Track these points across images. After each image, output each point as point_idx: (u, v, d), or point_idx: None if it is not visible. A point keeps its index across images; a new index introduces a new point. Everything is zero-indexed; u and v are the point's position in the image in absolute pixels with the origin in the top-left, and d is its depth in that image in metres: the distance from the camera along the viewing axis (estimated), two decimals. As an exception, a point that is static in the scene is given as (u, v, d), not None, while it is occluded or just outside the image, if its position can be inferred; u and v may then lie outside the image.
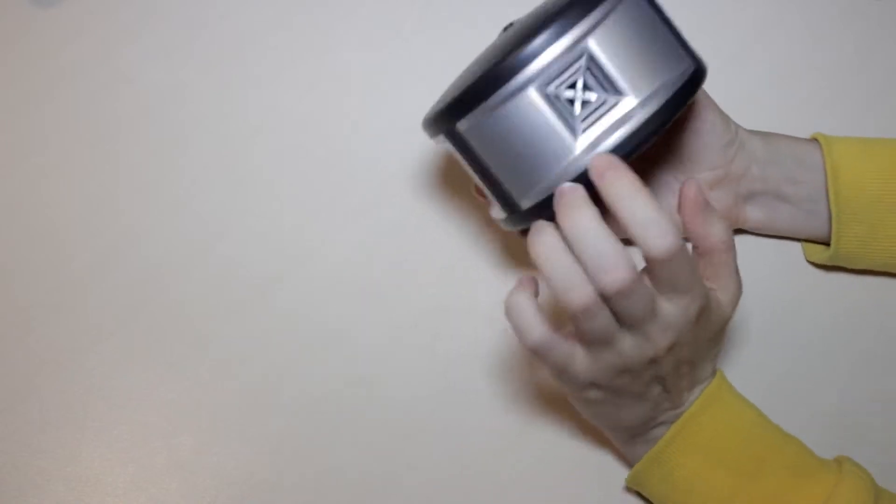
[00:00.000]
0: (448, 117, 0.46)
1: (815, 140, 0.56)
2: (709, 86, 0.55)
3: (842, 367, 0.57)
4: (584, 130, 0.44)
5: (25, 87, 0.65)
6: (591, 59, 0.44)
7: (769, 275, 0.59)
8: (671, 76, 0.45)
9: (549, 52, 0.44)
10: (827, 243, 0.56)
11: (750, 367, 0.57)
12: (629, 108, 0.44)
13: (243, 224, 0.61)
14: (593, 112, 0.44)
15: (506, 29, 0.50)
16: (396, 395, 0.56)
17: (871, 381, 0.56)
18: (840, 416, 0.55)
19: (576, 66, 0.44)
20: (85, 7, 0.68)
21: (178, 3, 0.68)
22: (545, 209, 0.45)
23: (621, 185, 0.42)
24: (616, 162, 0.43)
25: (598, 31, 0.44)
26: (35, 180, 0.63)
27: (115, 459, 0.55)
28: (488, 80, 0.44)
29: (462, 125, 0.46)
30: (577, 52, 0.44)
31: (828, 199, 0.54)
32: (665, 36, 0.46)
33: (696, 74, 0.47)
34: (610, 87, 0.44)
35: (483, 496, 0.54)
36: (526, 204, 0.46)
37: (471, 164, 0.47)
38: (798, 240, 0.58)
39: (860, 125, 0.63)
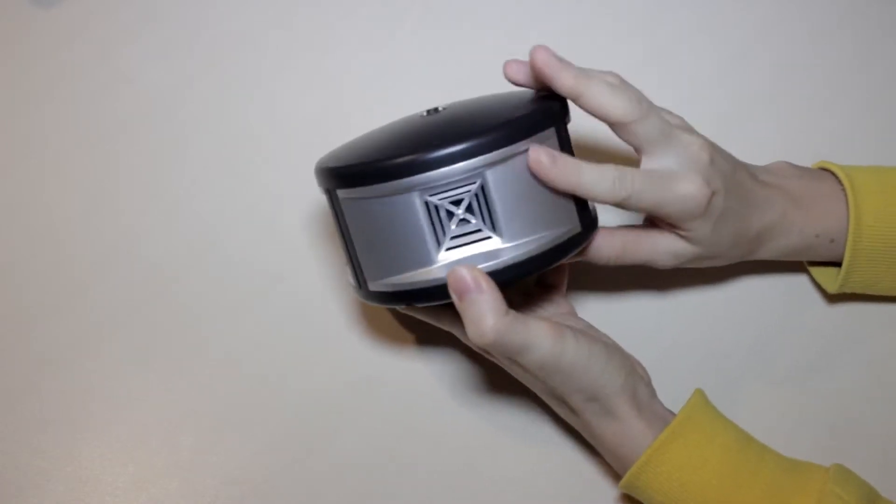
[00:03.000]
0: (330, 180, 0.46)
1: (840, 190, 0.54)
2: (709, 85, 0.54)
3: (842, 366, 0.57)
4: (449, 249, 0.45)
5: (25, 87, 0.65)
6: (483, 188, 0.45)
7: (768, 277, 0.59)
8: (550, 233, 0.46)
9: (447, 171, 0.44)
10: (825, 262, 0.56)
11: (750, 368, 0.57)
12: (497, 247, 0.45)
13: (243, 224, 0.61)
14: (465, 235, 0.45)
15: (429, 112, 0.50)
16: (396, 395, 0.56)
17: (871, 381, 0.56)
18: (839, 416, 0.55)
19: (467, 188, 0.44)
20: (85, 7, 0.68)
21: (178, 3, 0.68)
22: (389, 298, 0.47)
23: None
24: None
25: (500, 167, 0.44)
26: (35, 180, 0.63)
27: (115, 459, 0.55)
28: (381, 169, 0.44)
29: (342, 194, 0.46)
30: (473, 176, 0.44)
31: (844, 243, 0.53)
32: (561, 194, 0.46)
33: (576, 238, 0.47)
34: (488, 219, 0.45)
35: (483, 496, 0.54)
36: (373, 287, 0.47)
37: (339, 228, 0.48)
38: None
39: (860, 125, 0.63)
